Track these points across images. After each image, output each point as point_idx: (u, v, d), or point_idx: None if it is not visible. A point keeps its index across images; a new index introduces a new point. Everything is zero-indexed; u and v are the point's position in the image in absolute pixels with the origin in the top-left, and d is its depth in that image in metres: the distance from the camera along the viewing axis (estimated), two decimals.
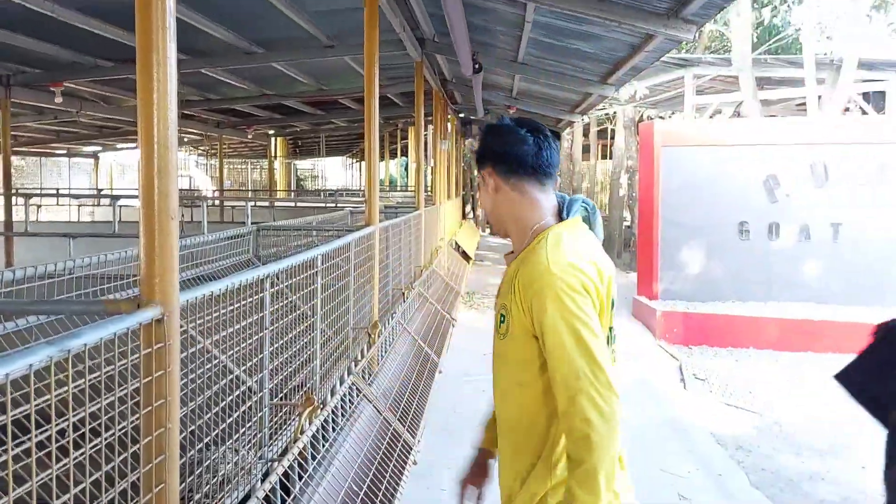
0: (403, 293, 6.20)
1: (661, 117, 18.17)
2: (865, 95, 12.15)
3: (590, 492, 1.59)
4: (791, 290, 9.35)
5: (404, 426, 4.06)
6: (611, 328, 1.81)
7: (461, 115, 15.90)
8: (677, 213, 9.89)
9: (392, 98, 12.67)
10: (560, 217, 1.84)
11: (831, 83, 10.92)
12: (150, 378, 1.83)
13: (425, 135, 12.50)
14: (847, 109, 12.59)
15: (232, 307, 2.85)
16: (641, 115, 18.82)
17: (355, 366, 3.96)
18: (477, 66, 7.37)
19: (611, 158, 20.18)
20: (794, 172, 9.32)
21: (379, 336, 4.65)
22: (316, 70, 10.13)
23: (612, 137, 21.19)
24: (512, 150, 1.84)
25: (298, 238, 5.66)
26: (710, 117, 13.63)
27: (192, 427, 2.43)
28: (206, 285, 2.57)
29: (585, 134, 24.06)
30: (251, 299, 2.89)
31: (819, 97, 11.13)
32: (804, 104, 11.64)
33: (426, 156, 11.13)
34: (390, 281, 5.95)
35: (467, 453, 2.11)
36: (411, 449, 3.92)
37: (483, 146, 1.91)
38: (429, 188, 12.65)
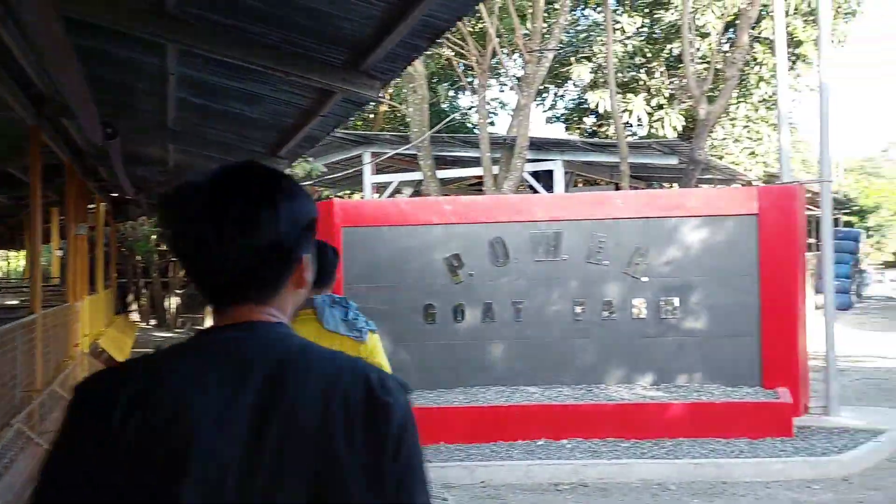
0: None
1: (339, 197, 17.72)
2: (535, 174, 12.79)
3: None
4: (478, 374, 8.97)
5: None
6: None
7: (115, 194, 13.78)
8: (362, 298, 9.01)
9: (15, 173, 10.30)
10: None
11: (505, 162, 11.17)
12: None
13: (61, 219, 10.33)
14: (520, 188, 13.11)
15: None
16: (320, 196, 18.26)
17: None
18: (109, 131, 5.90)
19: None
20: (475, 251, 9.09)
21: None
22: None
23: None
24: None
25: None
26: (391, 196, 13.39)
27: None
28: None
29: None
30: None
31: (495, 176, 11.31)
32: (479, 184, 11.80)
33: (63, 242, 9.12)
34: None
35: None
36: None
37: None
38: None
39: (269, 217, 1.08)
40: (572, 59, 16.90)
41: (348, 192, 18.24)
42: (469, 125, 19.40)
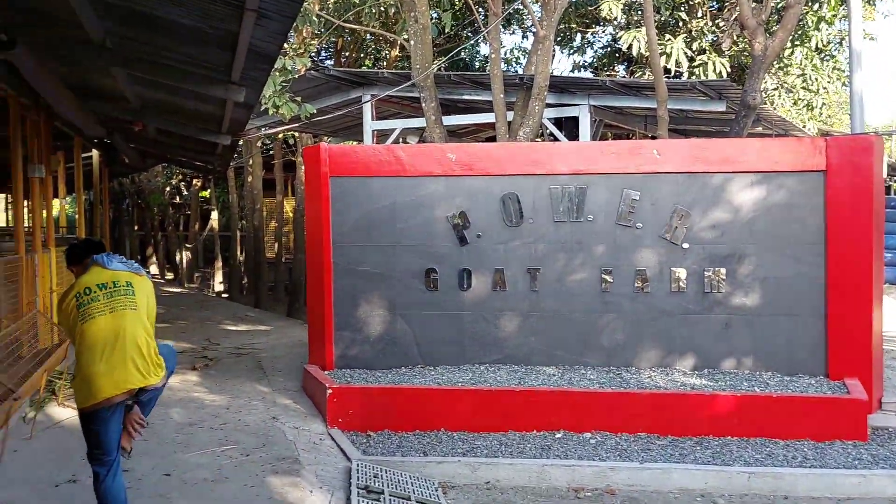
0: None
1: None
2: (558, 122, 11.26)
3: None
4: (487, 351, 7.71)
5: None
6: (102, 297, 4.00)
7: (98, 140, 12.53)
8: (353, 259, 7.86)
9: None
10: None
11: (522, 106, 9.68)
12: None
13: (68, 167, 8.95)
14: (541, 136, 11.62)
15: None
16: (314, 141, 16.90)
17: None
18: (3, 38, 4.57)
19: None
20: (484, 209, 7.75)
21: None
22: None
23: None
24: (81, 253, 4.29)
25: None
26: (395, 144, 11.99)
27: None
28: None
29: (269, 167, 21.65)
30: None
31: (510, 123, 9.84)
32: (494, 136, 10.36)
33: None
34: None
35: None
36: None
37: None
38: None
39: None
40: None
41: (353, 140, 16.80)
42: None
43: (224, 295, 21.98)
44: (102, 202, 14.82)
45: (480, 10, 12.73)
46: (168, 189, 28.87)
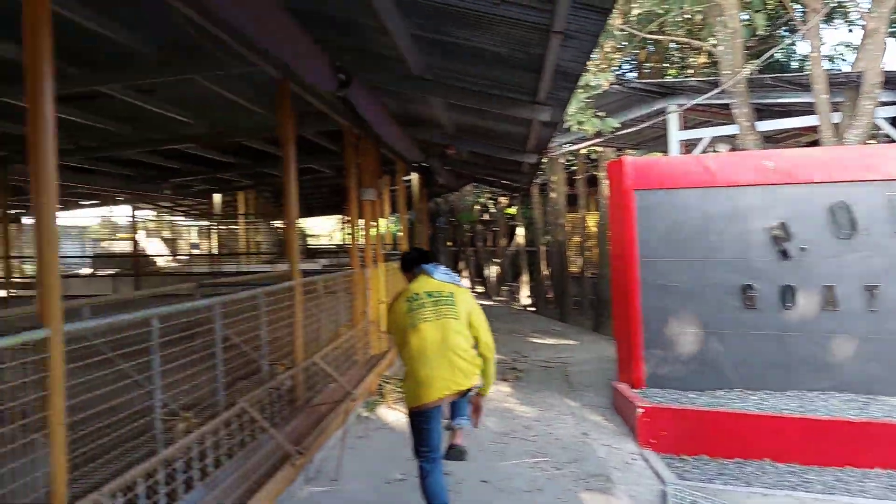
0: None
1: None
2: (894, 121, 9.84)
3: None
4: (817, 376, 6.98)
5: None
6: (429, 304, 4.40)
7: (417, 164, 13.71)
8: (660, 274, 7.61)
9: (315, 140, 10.39)
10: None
11: (850, 106, 8.65)
12: None
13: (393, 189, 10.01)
14: (874, 138, 10.29)
15: None
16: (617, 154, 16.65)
17: None
18: (342, 77, 5.15)
19: None
20: (808, 219, 7.06)
21: None
22: (191, 101, 7.93)
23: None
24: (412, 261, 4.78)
25: None
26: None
27: None
28: None
29: (571, 183, 21.93)
30: None
31: (836, 125, 8.85)
32: (816, 141, 9.37)
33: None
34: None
35: None
36: None
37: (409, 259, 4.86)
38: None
39: None
40: None
41: (657, 152, 16.35)
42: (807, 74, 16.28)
43: (530, 308, 22.61)
44: (422, 220, 16.10)
45: (797, 6, 11.67)
46: (477, 207, 30.53)
